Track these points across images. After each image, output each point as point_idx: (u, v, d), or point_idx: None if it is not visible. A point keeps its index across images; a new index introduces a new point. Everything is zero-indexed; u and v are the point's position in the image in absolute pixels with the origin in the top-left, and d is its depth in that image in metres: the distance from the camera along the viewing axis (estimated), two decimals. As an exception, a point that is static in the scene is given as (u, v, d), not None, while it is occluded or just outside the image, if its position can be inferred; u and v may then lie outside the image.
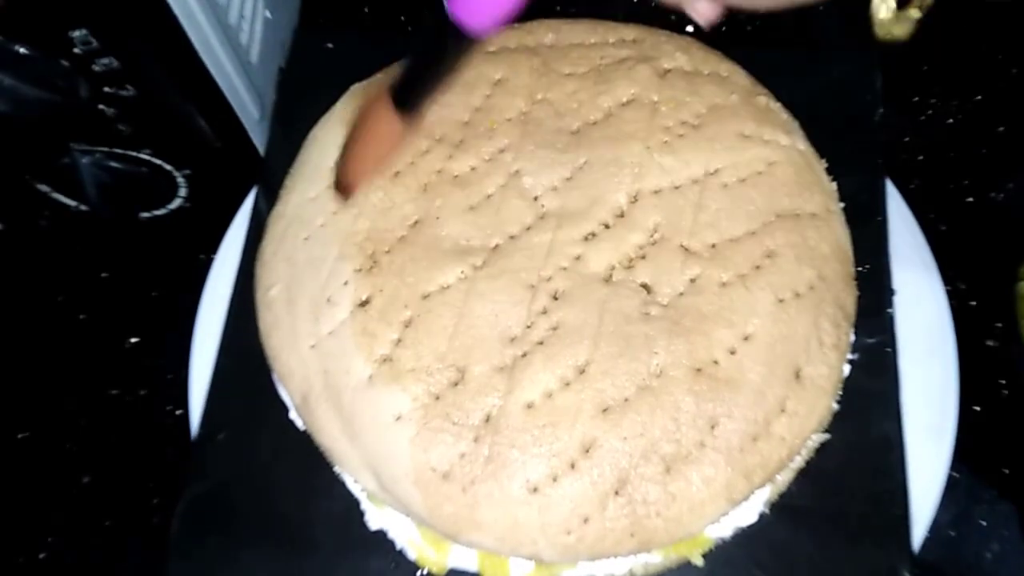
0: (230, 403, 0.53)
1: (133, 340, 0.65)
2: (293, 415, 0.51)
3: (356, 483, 0.49)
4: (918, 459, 0.50)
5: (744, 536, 0.48)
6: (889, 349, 0.52)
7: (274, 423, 0.52)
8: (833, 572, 0.48)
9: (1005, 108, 0.68)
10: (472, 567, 0.48)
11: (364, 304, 0.46)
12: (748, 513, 0.48)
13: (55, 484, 0.60)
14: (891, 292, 0.54)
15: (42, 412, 0.63)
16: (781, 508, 0.49)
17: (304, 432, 0.50)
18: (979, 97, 0.69)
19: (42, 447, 0.61)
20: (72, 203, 0.62)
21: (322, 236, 0.50)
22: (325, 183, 0.51)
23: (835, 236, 0.49)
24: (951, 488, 0.51)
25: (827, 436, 0.48)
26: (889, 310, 0.54)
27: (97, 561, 0.58)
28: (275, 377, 0.51)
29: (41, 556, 0.58)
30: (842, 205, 0.51)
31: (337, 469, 0.50)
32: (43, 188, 0.60)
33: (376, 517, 0.49)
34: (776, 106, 0.53)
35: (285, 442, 0.51)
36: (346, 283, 0.47)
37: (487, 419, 0.43)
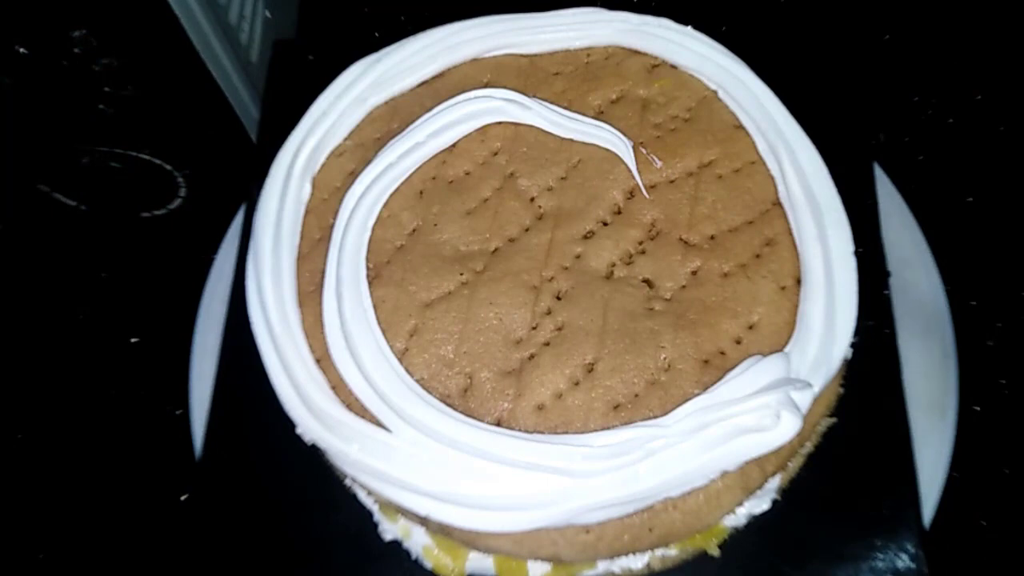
0: (232, 426, 0.53)
1: (133, 340, 0.65)
2: (301, 431, 0.50)
3: (370, 496, 0.48)
4: (924, 437, 0.51)
5: (758, 524, 0.48)
6: (887, 330, 0.53)
7: (279, 442, 0.51)
8: (847, 553, 0.48)
9: (1005, 108, 0.69)
10: (490, 571, 0.48)
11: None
12: (761, 501, 0.48)
13: (55, 484, 0.60)
14: (887, 274, 0.54)
15: (42, 412, 0.62)
16: (793, 494, 0.49)
17: (309, 447, 0.50)
18: (979, 97, 0.69)
19: (42, 447, 0.61)
20: (72, 203, 0.62)
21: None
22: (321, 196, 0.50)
23: (832, 221, 0.49)
24: (951, 488, 0.52)
25: (834, 420, 0.48)
26: (885, 291, 0.54)
27: (97, 561, 0.58)
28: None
29: (41, 556, 0.58)
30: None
31: (349, 482, 0.49)
32: (43, 188, 0.60)
33: (390, 528, 0.49)
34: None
35: (291, 460, 0.51)
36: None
37: (499, 424, 0.43)
